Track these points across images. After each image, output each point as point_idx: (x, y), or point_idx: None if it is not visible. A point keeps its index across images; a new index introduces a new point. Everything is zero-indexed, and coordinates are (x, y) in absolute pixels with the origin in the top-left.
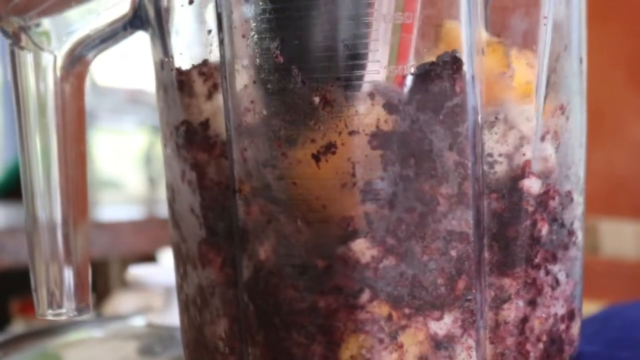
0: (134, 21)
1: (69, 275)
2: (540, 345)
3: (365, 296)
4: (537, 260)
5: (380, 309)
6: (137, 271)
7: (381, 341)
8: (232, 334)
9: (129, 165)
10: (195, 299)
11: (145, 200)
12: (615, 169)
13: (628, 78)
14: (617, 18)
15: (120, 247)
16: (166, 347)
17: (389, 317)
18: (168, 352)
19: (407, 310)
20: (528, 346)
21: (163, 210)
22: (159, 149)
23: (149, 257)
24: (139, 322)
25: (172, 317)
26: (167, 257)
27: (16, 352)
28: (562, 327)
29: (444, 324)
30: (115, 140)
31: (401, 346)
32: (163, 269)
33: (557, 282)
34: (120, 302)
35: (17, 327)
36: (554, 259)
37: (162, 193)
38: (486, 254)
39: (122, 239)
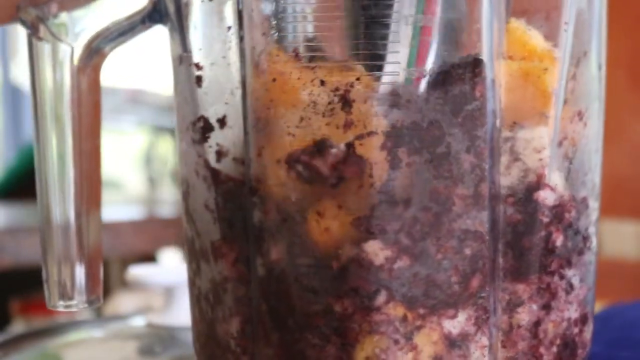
0: (153, 15)
1: (80, 267)
2: (554, 349)
3: (381, 298)
4: (551, 268)
5: (396, 310)
6: (137, 271)
7: (396, 342)
8: (244, 334)
9: (129, 165)
10: (207, 294)
11: (145, 200)
12: (615, 169)
13: (629, 78)
14: (618, 18)
15: (120, 247)
16: (166, 347)
17: (404, 318)
18: (168, 352)
19: (421, 311)
20: (541, 349)
21: (163, 210)
22: (159, 149)
23: (149, 257)
24: (139, 322)
25: (172, 317)
26: (167, 257)
27: (16, 352)
28: (576, 330)
29: (457, 322)
30: (115, 140)
31: (416, 347)
32: (163, 269)
33: (571, 286)
34: (120, 302)
35: (17, 327)
36: (569, 264)
37: (162, 193)
38: (500, 260)
39: (122, 239)
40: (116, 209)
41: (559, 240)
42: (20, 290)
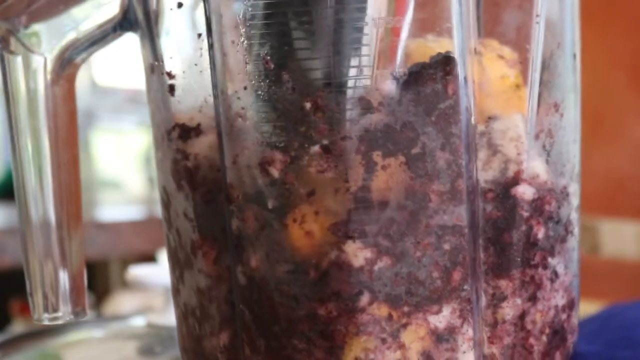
0: (124, 23)
1: (64, 278)
2: (544, 338)
3: (364, 299)
4: (534, 261)
5: (380, 310)
6: (137, 271)
7: (384, 341)
8: (230, 345)
9: (129, 165)
10: (191, 304)
11: (145, 200)
12: (615, 169)
13: (629, 79)
14: (619, 19)
15: (120, 247)
16: (166, 347)
17: (389, 317)
18: (168, 352)
19: (406, 309)
20: (531, 340)
21: None
22: None
23: (149, 257)
24: (139, 322)
25: (172, 317)
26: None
27: (16, 352)
28: (564, 316)
29: (443, 317)
30: (115, 140)
31: (403, 344)
32: (163, 269)
33: (556, 274)
34: (120, 302)
35: (17, 327)
36: (552, 254)
37: None
38: (482, 254)
39: (122, 239)
40: (116, 209)
41: (540, 233)
42: (20, 290)
